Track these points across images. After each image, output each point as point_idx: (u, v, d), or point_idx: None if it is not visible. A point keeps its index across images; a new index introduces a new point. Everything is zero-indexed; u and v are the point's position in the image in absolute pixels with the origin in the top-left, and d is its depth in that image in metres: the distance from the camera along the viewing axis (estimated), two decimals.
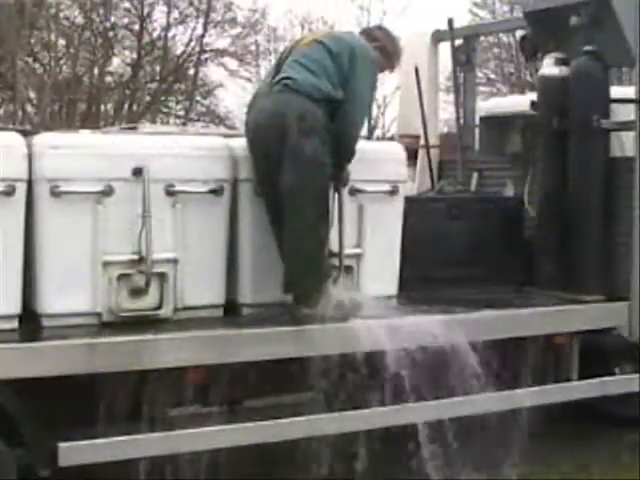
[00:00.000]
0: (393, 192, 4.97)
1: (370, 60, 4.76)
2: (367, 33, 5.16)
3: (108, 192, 4.29)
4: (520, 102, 6.49)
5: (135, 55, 24.14)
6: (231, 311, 4.69)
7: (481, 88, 21.38)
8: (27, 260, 4.23)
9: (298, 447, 4.64)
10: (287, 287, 4.64)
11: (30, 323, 4.25)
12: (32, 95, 22.16)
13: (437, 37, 7.14)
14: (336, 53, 4.69)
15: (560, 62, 5.82)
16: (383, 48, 5.04)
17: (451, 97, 7.82)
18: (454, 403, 4.88)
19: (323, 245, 4.62)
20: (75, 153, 4.28)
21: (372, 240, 4.92)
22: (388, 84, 15.35)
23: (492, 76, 26.08)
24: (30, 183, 4.20)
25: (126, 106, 24.47)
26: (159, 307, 4.46)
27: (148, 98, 24.58)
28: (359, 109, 4.73)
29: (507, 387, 5.04)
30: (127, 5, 23.55)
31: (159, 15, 23.99)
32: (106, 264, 4.31)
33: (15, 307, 4.19)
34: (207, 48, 24.70)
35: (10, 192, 4.11)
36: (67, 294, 4.25)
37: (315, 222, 4.57)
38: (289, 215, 4.56)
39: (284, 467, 4.88)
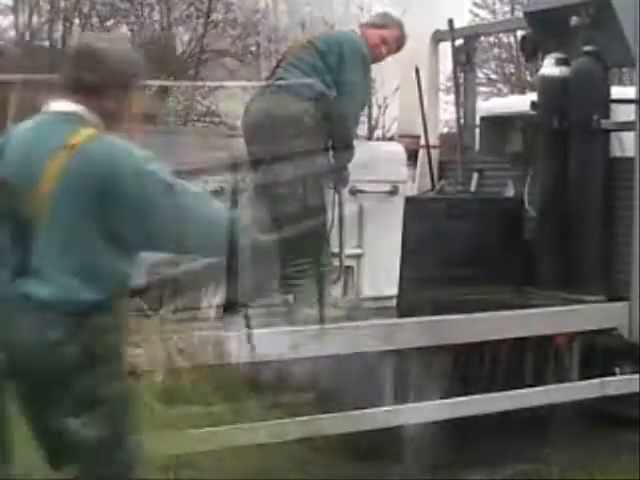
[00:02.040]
0: (393, 192, 4.99)
1: (361, 56, 4.75)
2: (370, 24, 5.13)
3: None
4: (520, 102, 6.50)
5: None
6: None
7: (481, 88, 21.38)
8: None
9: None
10: (284, 288, 4.65)
11: None
12: None
13: (437, 37, 7.13)
14: (325, 52, 4.71)
15: (560, 62, 5.82)
16: (390, 33, 5.02)
17: (451, 97, 7.82)
18: (455, 403, 4.88)
19: (320, 245, 4.61)
20: None
21: (372, 240, 4.92)
22: (388, 84, 15.33)
23: (492, 76, 26.07)
24: None
25: None
26: None
27: None
28: (351, 104, 4.72)
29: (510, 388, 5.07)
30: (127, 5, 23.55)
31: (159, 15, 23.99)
32: None
33: None
34: (207, 48, 24.68)
35: None
36: None
37: (309, 222, 4.57)
38: (283, 216, 4.56)
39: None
